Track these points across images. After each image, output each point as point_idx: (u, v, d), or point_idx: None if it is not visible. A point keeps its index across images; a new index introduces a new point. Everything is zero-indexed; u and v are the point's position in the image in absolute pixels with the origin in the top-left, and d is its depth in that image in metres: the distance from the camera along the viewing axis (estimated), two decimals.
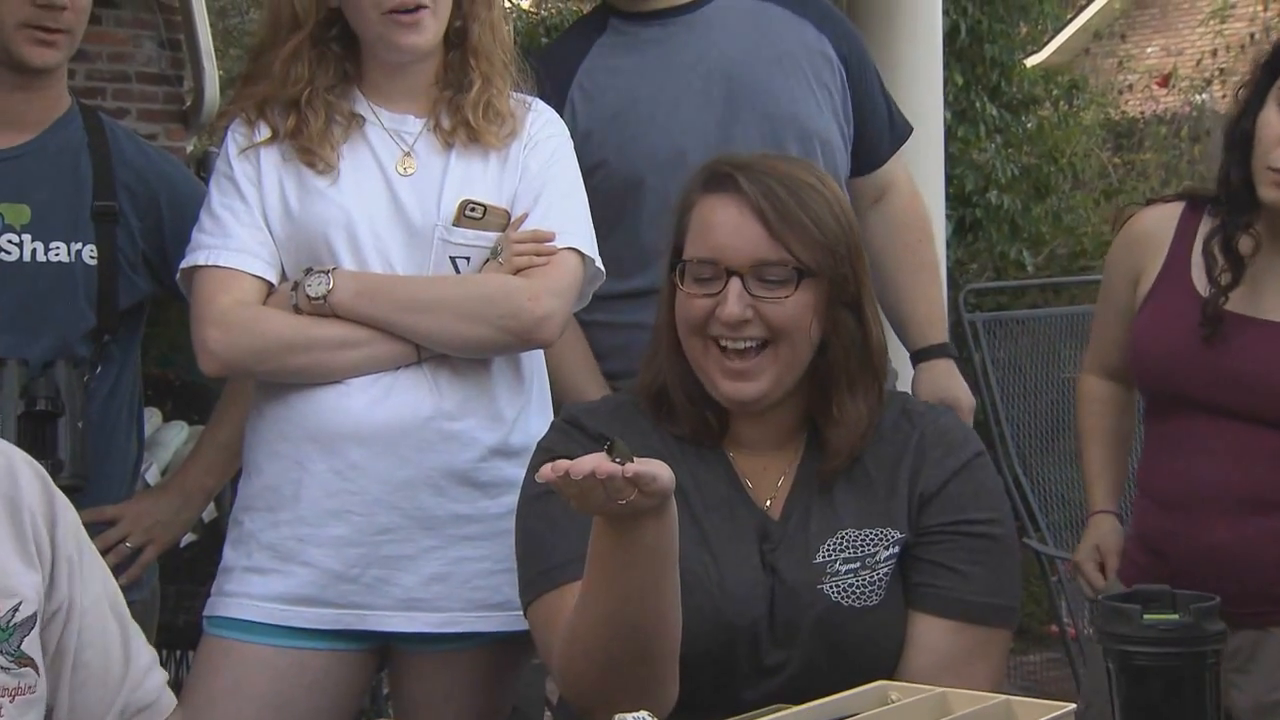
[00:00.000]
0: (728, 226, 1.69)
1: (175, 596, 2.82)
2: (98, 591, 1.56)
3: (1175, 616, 1.35)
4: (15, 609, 1.46)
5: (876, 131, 2.40)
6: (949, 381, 2.41)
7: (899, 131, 2.45)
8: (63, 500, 1.55)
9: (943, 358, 2.44)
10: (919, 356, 2.44)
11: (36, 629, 1.47)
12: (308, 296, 1.90)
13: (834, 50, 2.31)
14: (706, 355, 1.70)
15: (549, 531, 1.68)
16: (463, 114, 1.97)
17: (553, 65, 2.32)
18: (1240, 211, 2.00)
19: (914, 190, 2.49)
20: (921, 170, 2.91)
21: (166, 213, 2.21)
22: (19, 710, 1.45)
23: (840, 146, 2.33)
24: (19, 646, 1.46)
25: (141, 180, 2.23)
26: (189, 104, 5.90)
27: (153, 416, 3.60)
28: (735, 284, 1.67)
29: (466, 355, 1.95)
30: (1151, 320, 2.05)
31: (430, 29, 1.95)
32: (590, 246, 2.00)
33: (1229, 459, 1.97)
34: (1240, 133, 1.99)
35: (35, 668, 1.47)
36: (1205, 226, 2.04)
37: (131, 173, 2.23)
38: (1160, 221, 2.09)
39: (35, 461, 1.56)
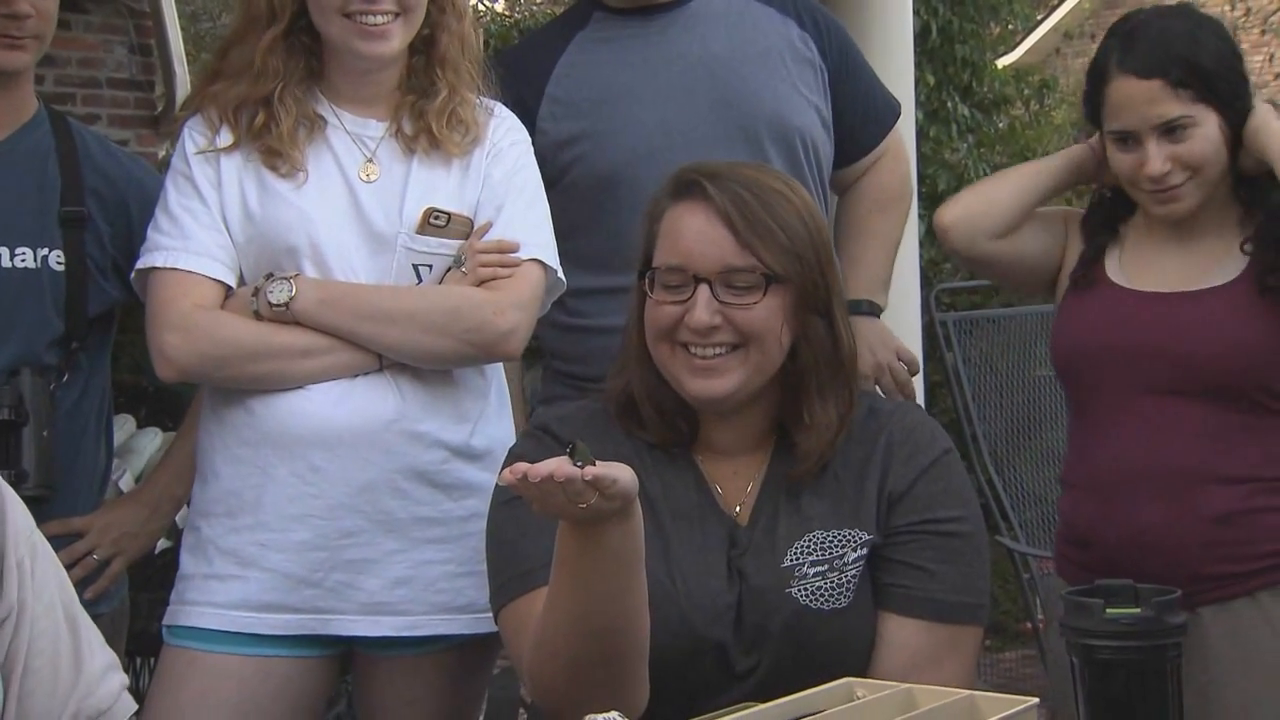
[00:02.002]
0: (695, 233, 1.70)
1: (148, 604, 2.81)
2: (51, 596, 1.52)
3: (1137, 610, 1.37)
4: None
5: (861, 123, 2.40)
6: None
7: (885, 119, 2.44)
8: (14, 503, 1.52)
9: (859, 314, 2.37)
10: None
11: None
12: (269, 303, 1.89)
13: (816, 48, 2.32)
14: (674, 358, 1.71)
15: (520, 537, 1.68)
16: (425, 121, 1.96)
17: (531, 56, 2.32)
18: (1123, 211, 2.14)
19: (893, 164, 2.47)
20: None
21: (136, 218, 2.19)
22: None
23: (824, 141, 2.33)
24: None
25: (111, 185, 2.22)
26: (160, 109, 5.87)
27: (126, 423, 3.58)
28: (704, 291, 1.68)
29: (429, 366, 1.95)
30: (1069, 312, 2.13)
31: (397, 39, 1.94)
32: (552, 257, 2.00)
33: (1147, 437, 2.01)
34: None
35: None
36: (1124, 226, 2.14)
37: (100, 177, 2.21)
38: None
39: None
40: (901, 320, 3.59)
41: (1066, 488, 2.16)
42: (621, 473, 1.44)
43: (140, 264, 1.96)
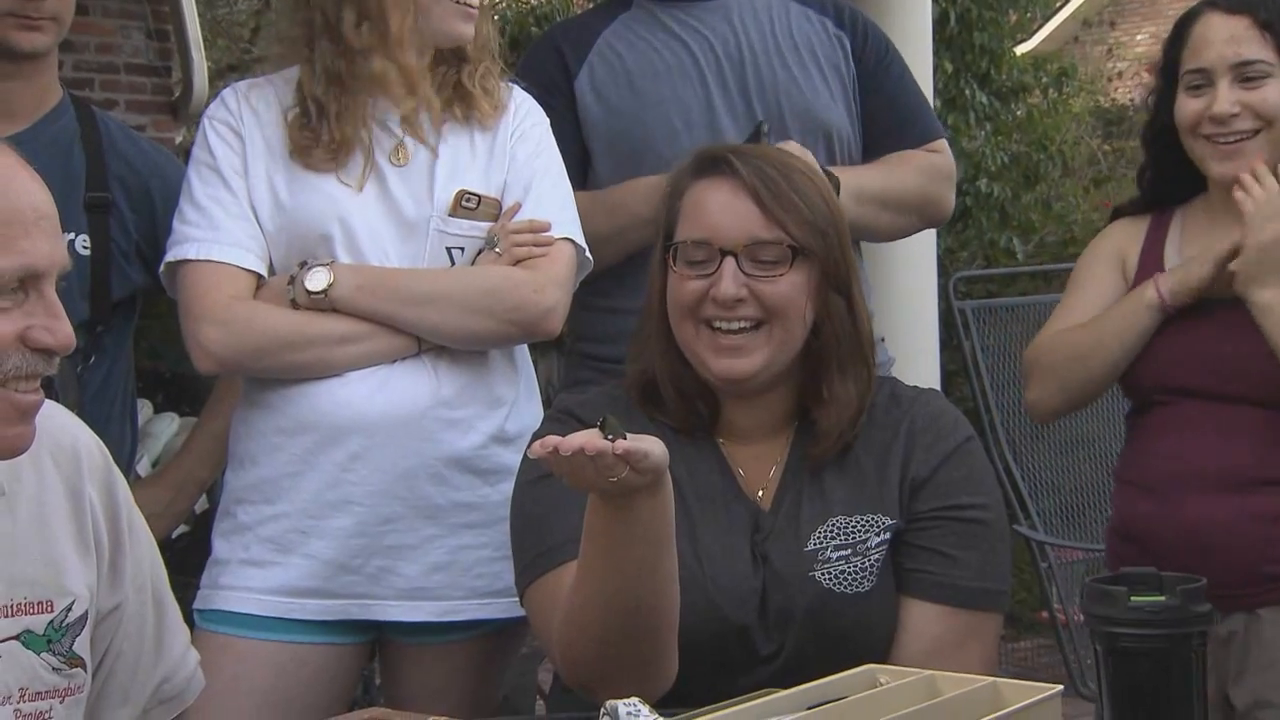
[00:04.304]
0: (721, 206, 1.71)
1: None
2: (143, 576, 1.52)
3: (1161, 598, 1.36)
4: (69, 609, 1.43)
5: (886, 130, 2.34)
6: None
7: (916, 135, 2.35)
8: (121, 482, 1.52)
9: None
10: None
11: (88, 628, 1.44)
12: (307, 290, 1.89)
13: (850, 45, 2.32)
14: (698, 338, 1.71)
15: (546, 515, 1.69)
16: (460, 86, 1.97)
17: (576, 30, 2.35)
18: (1177, 203, 2.08)
19: (927, 169, 2.34)
20: None
21: (159, 204, 2.20)
22: (68, 710, 1.43)
23: (851, 139, 2.32)
24: (71, 647, 1.43)
25: (134, 171, 2.23)
26: (177, 94, 5.89)
27: (144, 408, 3.59)
28: (729, 263, 1.69)
29: (470, 348, 1.95)
30: None
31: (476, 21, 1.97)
32: (580, 236, 2.01)
33: (1209, 437, 1.98)
34: (1160, 127, 2.07)
35: (84, 667, 1.44)
36: (1176, 227, 2.09)
37: (124, 164, 2.22)
38: (1129, 234, 2.14)
39: (99, 440, 1.52)
40: (919, 308, 3.60)
41: (1120, 484, 2.12)
42: (653, 446, 1.45)
43: (170, 257, 1.96)
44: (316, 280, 1.89)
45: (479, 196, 1.96)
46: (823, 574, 1.68)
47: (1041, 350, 2.14)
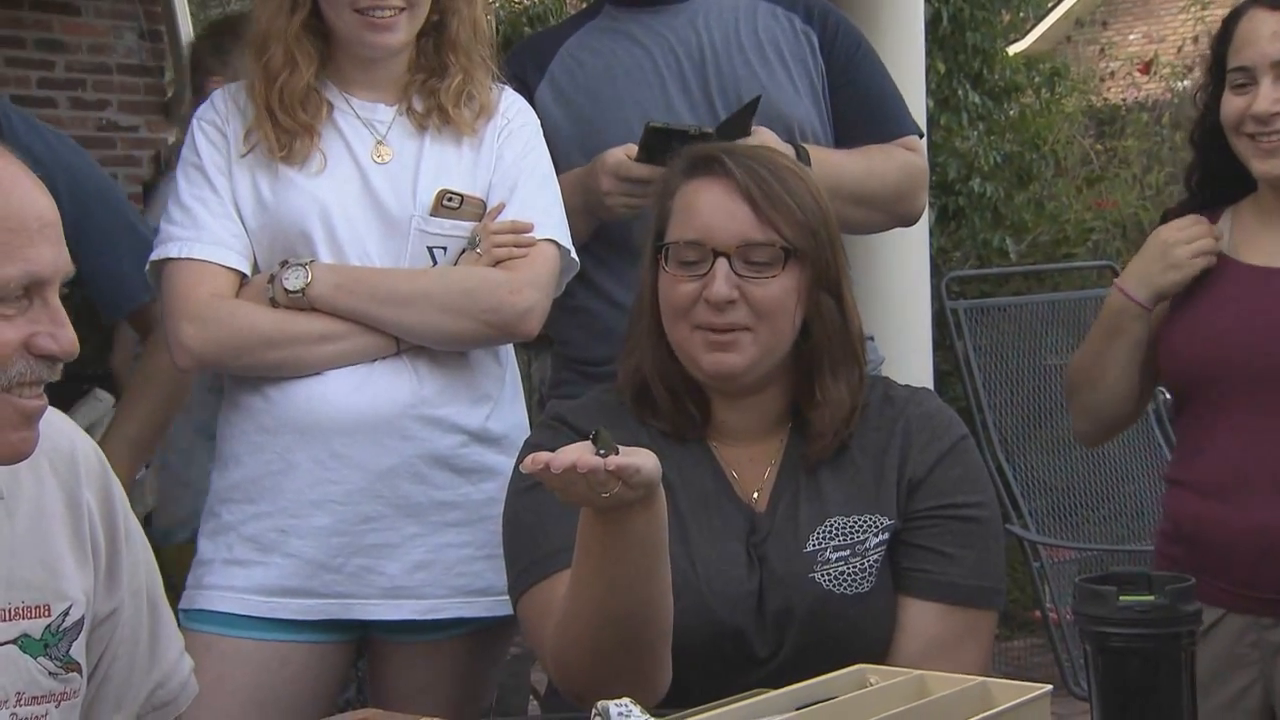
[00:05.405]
0: (714, 207, 1.71)
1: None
2: (138, 581, 1.52)
3: (1151, 598, 1.36)
4: (65, 613, 1.43)
5: (854, 123, 2.32)
6: None
7: (888, 128, 2.32)
8: (118, 487, 1.52)
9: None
10: None
11: (84, 633, 1.44)
12: (285, 290, 1.90)
13: (819, 40, 2.31)
14: (691, 338, 1.72)
15: (539, 522, 1.69)
16: (437, 99, 1.97)
17: (538, 43, 2.36)
18: (1227, 203, 2.05)
19: (905, 166, 2.31)
20: None
21: (67, 202, 2.11)
22: (63, 715, 1.42)
23: (819, 134, 2.31)
24: (67, 652, 1.43)
25: (37, 163, 2.12)
26: (170, 95, 5.88)
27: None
28: (722, 264, 1.69)
29: (447, 348, 1.95)
30: (1180, 314, 2.04)
31: (403, 30, 1.95)
32: (566, 237, 2.01)
33: (1266, 434, 1.92)
34: (1208, 126, 2.04)
35: (80, 671, 1.44)
36: (1224, 227, 2.05)
37: (30, 160, 2.15)
38: None
39: (96, 446, 1.52)
40: (911, 308, 3.61)
41: (1172, 486, 2.06)
42: (645, 460, 1.44)
43: (154, 255, 1.97)
44: (294, 279, 1.90)
45: (461, 196, 1.96)
46: (822, 575, 1.69)
47: (1068, 375, 2.12)
